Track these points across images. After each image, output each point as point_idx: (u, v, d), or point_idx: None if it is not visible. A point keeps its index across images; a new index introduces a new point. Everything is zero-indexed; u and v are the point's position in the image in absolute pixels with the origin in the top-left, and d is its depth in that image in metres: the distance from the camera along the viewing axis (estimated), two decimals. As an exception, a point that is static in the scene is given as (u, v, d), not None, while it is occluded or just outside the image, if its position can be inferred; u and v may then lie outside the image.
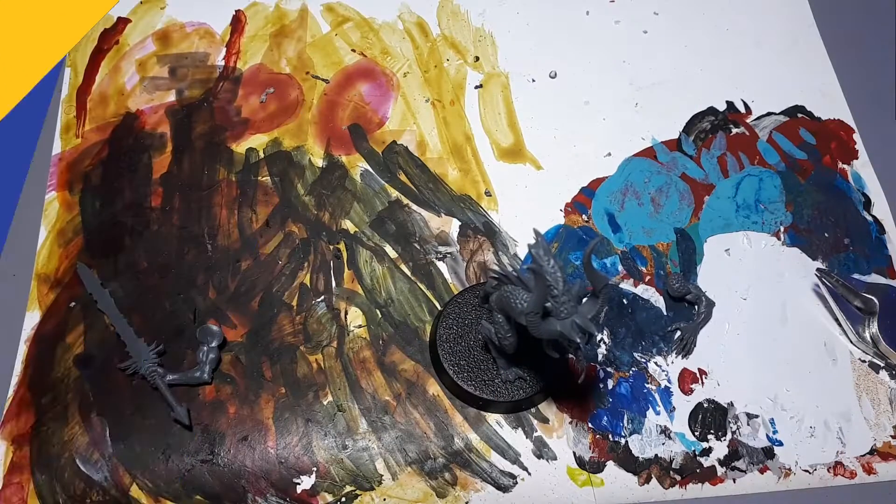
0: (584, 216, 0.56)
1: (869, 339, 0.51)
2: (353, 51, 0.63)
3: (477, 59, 0.63)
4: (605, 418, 0.49)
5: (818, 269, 0.54)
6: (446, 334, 0.49)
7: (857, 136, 0.60)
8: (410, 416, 0.49)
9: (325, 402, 0.50)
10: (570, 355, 0.49)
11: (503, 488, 0.47)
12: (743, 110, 0.61)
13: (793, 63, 0.63)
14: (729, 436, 0.49)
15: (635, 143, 0.60)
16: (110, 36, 0.63)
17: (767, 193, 0.58)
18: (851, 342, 0.52)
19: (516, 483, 0.47)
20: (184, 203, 0.56)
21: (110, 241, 0.55)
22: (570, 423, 0.49)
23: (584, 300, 0.36)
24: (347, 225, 0.56)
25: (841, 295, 0.52)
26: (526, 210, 0.56)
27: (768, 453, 0.48)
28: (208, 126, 0.59)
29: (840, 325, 0.52)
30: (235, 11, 0.64)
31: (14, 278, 0.54)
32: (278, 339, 0.52)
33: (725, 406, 0.50)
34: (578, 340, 0.35)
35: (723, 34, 0.65)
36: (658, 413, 0.49)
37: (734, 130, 0.60)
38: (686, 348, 0.51)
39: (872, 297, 0.51)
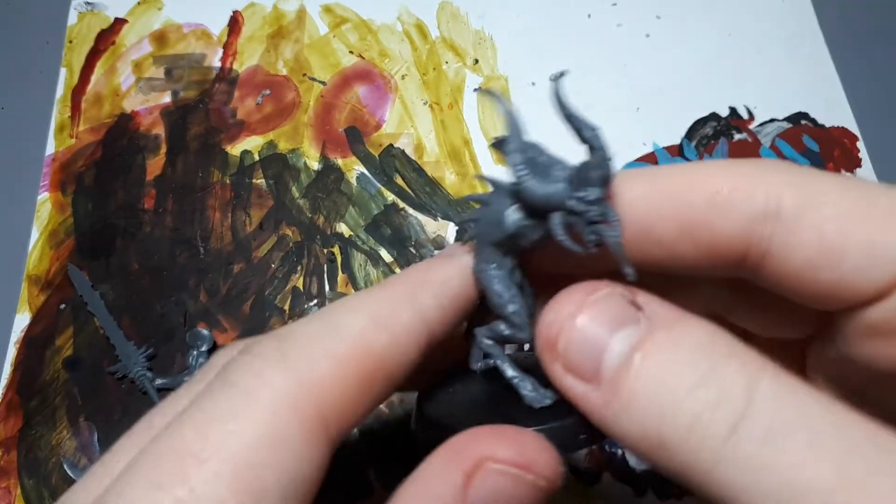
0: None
1: None
2: (351, 52, 0.62)
3: (476, 61, 0.62)
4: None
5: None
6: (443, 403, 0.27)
7: (860, 144, 0.59)
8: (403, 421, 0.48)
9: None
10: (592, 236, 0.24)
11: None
12: (746, 116, 0.60)
13: (797, 69, 0.63)
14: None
15: (636, 147, 0.59)
16: (107, 36, 0.63)
17: (770, 200, 0.57)
18: None
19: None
20: (177, 205, 0.56)
21: (102, 243, 0.54)
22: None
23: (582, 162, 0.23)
24: (342, 228, 0.55)
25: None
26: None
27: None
28: (203, 128, 0.59)
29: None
30: (233, 12, 0.64)
31: (3, 280, 0.53)
32: (270, 343, 0.51)
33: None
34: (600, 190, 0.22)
35: (726, 39, 0.64)
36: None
37: (736, 136, 0.59)
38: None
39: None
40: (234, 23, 0.63)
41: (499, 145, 0.23)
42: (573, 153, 0.24)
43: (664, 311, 0.21)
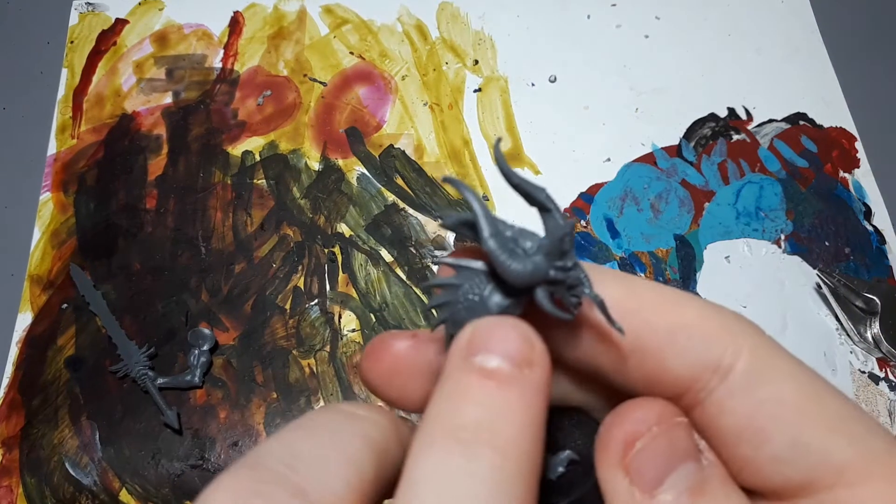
0: (582, 222, 0.56)
1: (871, 339, 0.51)
2: (352, 53, 0.63)
3: (476, 62, 0.62)
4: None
5: (820, 269, 0.54)
6: None
7: (858, 145, 0.59)
8: (403, 423, 0.49)
9: (316, 408, 0.49)
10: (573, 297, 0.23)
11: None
12: (744, 117, 0.61)
13: (795, 70, 0.63)
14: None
15: (635, 148, 0.59)
16: (108, 37, 0.63)
17: (768, 201, 0.57)
18: (853, 342, 0.51)
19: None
20: (178, 205, 0.56)
21: (104, 243, 0.55)
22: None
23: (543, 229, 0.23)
24: (343, 228, 0.55)
25: (843, 295, 0.52)
26: (523, 215, 0.56)
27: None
28: (204, 128, 0.59)
29: (842, 325, 0.52)
30: (233, 13, 0.64)
31: (2, 279, 0.54)
32: (271, 342, 0.51)
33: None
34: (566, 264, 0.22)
35: (725, 39, 0.64)
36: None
37: (735, 137, 0.60)
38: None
39: (874, 298, 0.51)
40: (235, 23, 0.64)
41: (457, 227, 0.22)
42: (575, 154, 0.25)
43: (719, 467, 0.22)
